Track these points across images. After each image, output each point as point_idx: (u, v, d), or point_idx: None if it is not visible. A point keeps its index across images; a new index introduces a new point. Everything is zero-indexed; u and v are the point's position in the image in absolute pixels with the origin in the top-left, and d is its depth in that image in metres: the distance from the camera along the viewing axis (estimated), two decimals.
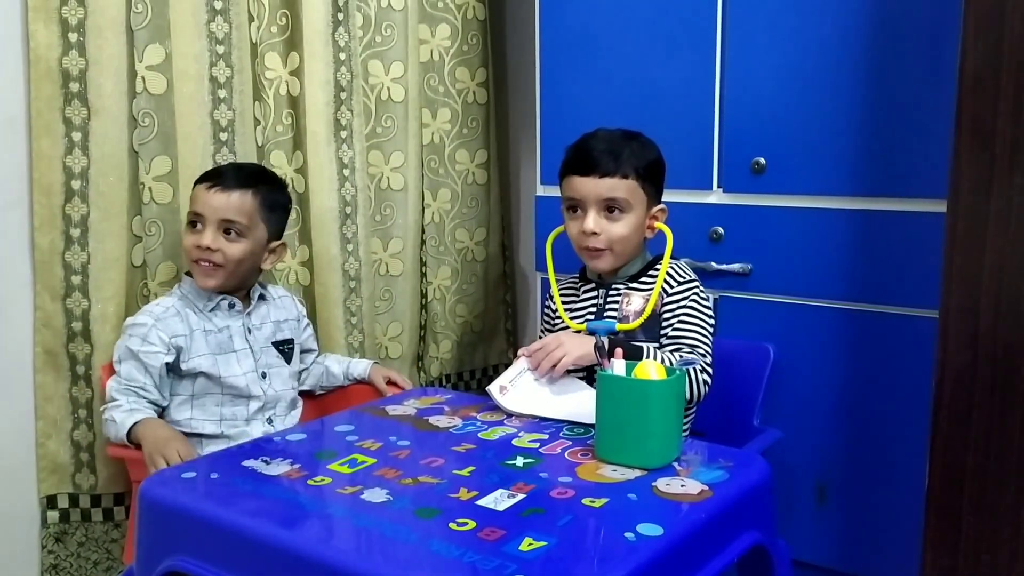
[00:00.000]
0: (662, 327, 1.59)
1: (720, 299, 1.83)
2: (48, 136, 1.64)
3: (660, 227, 1.63)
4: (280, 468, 1.26)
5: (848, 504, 1.77)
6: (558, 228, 1.70)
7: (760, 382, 1.76)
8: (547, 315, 1.77)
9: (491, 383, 1.53)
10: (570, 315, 1.67)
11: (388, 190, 2.19)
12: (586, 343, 1.51)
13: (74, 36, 1.63)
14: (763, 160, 1.79)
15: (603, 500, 1.13)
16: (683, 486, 1.18)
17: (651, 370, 1.27)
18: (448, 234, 2.37)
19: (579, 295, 1.70)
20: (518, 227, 2.60)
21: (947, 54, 1.52)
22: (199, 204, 1.65)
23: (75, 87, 1.65)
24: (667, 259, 1.61)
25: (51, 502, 1.73)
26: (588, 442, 1.35)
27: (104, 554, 1.78)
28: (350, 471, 1.24)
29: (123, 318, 1.73)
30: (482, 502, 1.13)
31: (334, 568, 1.00)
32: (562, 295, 1.71)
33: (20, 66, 1.63)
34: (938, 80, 1.58)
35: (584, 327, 1.59)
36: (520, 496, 1.14)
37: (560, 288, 1.72)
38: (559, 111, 2.06)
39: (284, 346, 1.79)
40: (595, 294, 1.67)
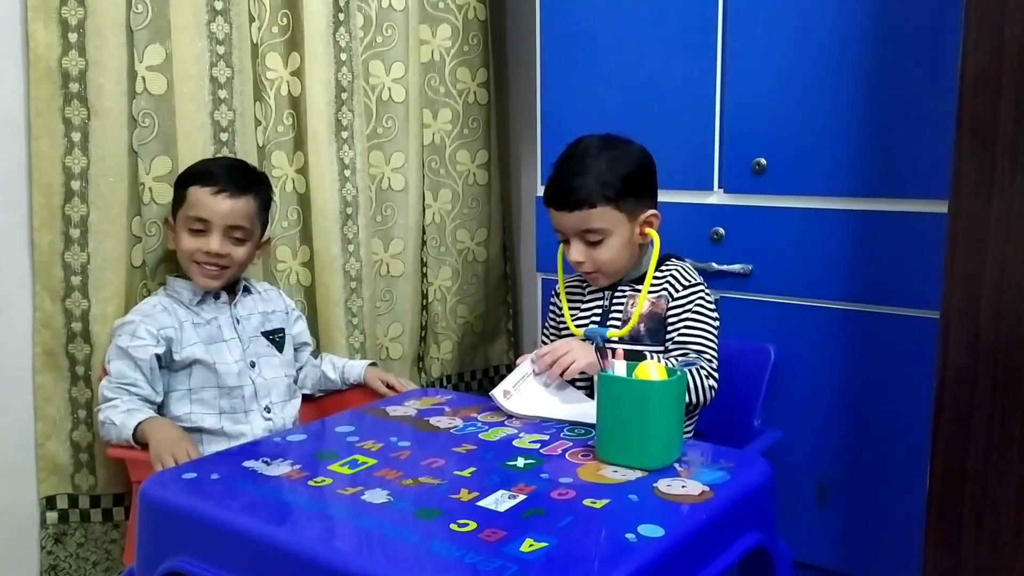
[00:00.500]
0: (668, 332, 1.59)
1: (721, 299, 1.83)
2: (48, 136, 1.64)
3: (650, 233, 1.60)
4: (281, 469, 1.25)
5: (849, 505, 1.77)
6: None
7: (761, 383, 1.75)
8: (553, 313, 1.77)
9: (495, 388, 1.52)
10: (575, 317, 1.67)
11: (389, 191, 2.19)
12: (591, 351, 1.51)
13: (74, 36, 1.63)
14: (764, 161, 1.79)
15: (604, 501, 1.13)
16: (684, 487, 1.18)
17: (652, 371, 1.27)
18: (449, 235, 2.37)
19: (584, 297, 1.70)
20: (519, 228, 2.60)
21: (948, 54, 1.52)
22: (204, 210, 1.65)
23: (75, 87, 1.64)
24: (652, 267, 1.59)
25: (50, 503, 1.73)
26: (589, 443, 1.34)
27: (103, 555, 1.78)
28: (351, 472, 1.24)
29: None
30: (483, 503, 1.12)
31: (335, 569, 0.99)
32: (568, 298, 1.71)
33: (20, 66, 1.63)
34: (939, 80, 1.58)
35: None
36: (521, 497, 1.14)
37: (567, 289, 1.72)
38: (560, 111, 2.06)
39: (274, 335, 1.79)
40: (601, 296, 1.67)
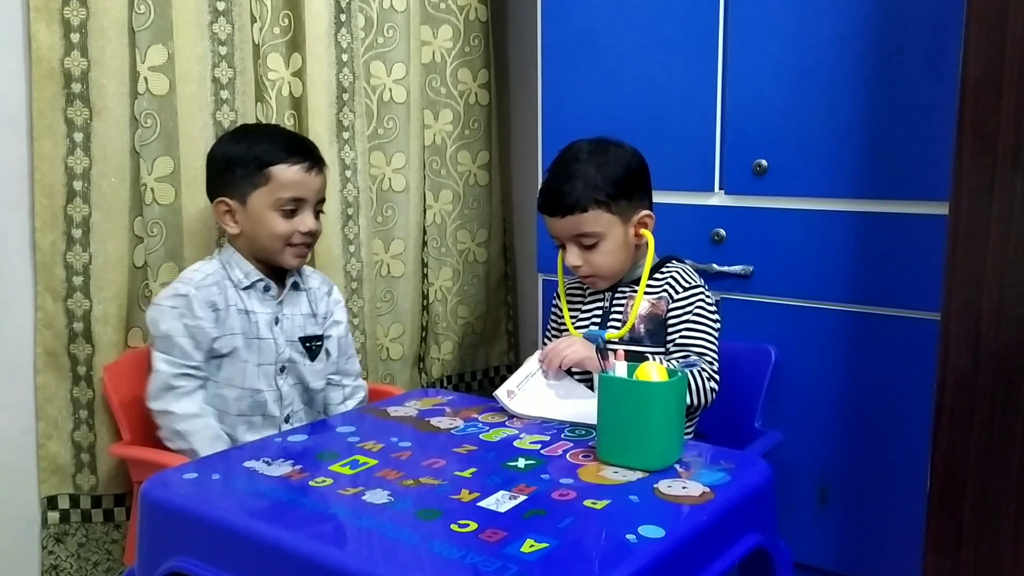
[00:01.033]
0: (668, 333, 1.59)
1: (721, 301, 1.83)
2: (50, 137, 1.64)
3: (644, 234, 1.61)
4: (281, 469, 1.25)
5: (849, 506, 1.77)
6: None
7: (761, 384, 1.75)
8: (554, 315, 1.77)
9: (499, 388, 1.52)
10: (576, 319, 1.67)
11: (390, 191, 2.19)
12: (592, 348, 1.51)
13: (76, 37, 1.63)
14: (765, 162, 1.79)
15: (604, 502, 1.13)
16: (684, 488, 1.18)
17: (653, 372, 1.27)
18: (449, 235, 2.37)
19: (585, 299, 1.70)
20: (520, 228, 2.60)
21: (949, 56, 1.52)
22: (300, 188, 1.60)
23: (77, 88, 1.65)
24: (648, 268, 1.60)
25: (51, 503, 1.73)
26: (590, 444, 1.34)
27: (104, 555, 1.78)
28: (351, 472, 1.24)
29: (124, 319, 1.73)
30: (484, 503, 1.12)
31: (336, 569, 1.00)
32: (569, 299, 1.71)
33: (22, 67, 1.63)
34: (940, 82, 1.58)
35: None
36: (522, 498, 1.14)
37: (567, 291, 1.72)
38: (561, 112, 2.06)
39: (311, 342, 1.70)
40: (601, 298, 1.67)
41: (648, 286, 1.62)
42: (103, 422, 1.72)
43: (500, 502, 1.13)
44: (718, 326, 1.60)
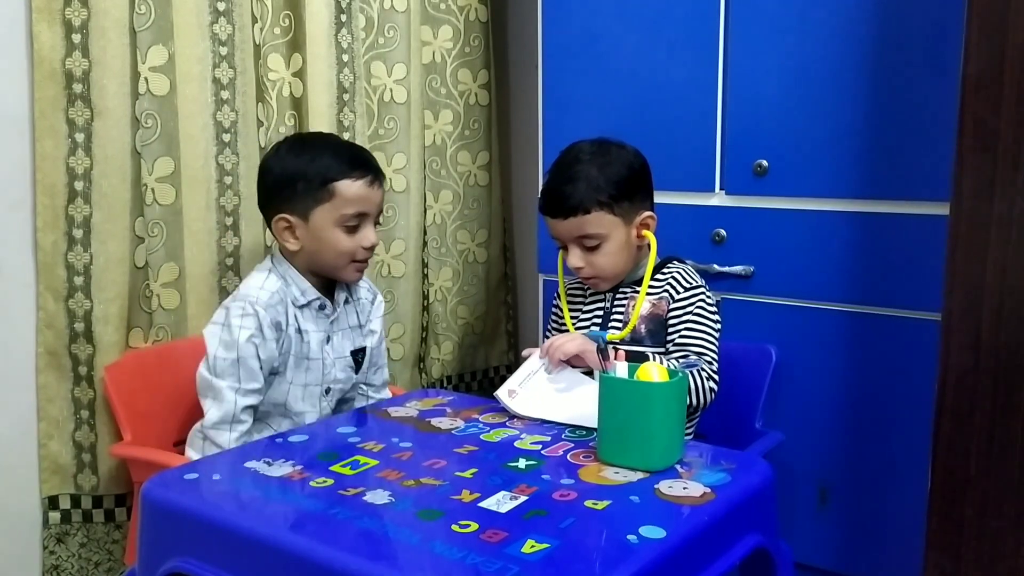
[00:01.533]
0: (668, 333, 1.59)
1: (722, 301, 1.83)
2: (51, 137, 1.64)
3: (647, 236, 1.61)
4: (282, 469, 1.25)
5: (850, 507, 1.77)
6: None
7: (762, 384, 1.76)
8: (555, 315, 1.77)
9: (500, 387, 1.52)
10: (577, 320, 1.68)
11: (390, 191, 2.19)
12: (592, 343, 1.51)
13: (77, 37, 1.63)
14: (765, 162, 1.79)
15: (605, 502, 1.13)
16: (685, 488, 1.18)
17: (653, 372, 1.27)
18: (450, 236, 2.37)
19: (586, 300, 1.70)
20: (520, 229, 2.60)
21: (950, 56, 1.52)
22: (364, 203, 1.55)
23: (78, 88, 1.65)
24: (650, 269, 1.60)
25: (53, 503, 1.73)
26: (590, 444, 1.35)
27: (105, 555, 1.78)
28: (352, 472, 1.24)
29: (125, 319, 1.74)
30: (484, 504, 1.13)
31: (336, 570, 1.00)
32: (569, 300, 1.71)
33: (23, 67, 1.63)
34: (941, 82, 1.58)
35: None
36: (522, 498, 1.14)
37: (568, 291, 1.72)
38: (561, 113, 2.06)
39: (358, 354, 1.67)
40: (602, 299, 1.67)
41: (649, 286, 1.62)
42: (104, 422, 1.72)
43: (501, 503, 1.13)
44: (718, 327, 1.60)
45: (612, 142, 1.62)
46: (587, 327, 1.65)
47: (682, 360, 1.54)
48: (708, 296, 1.61)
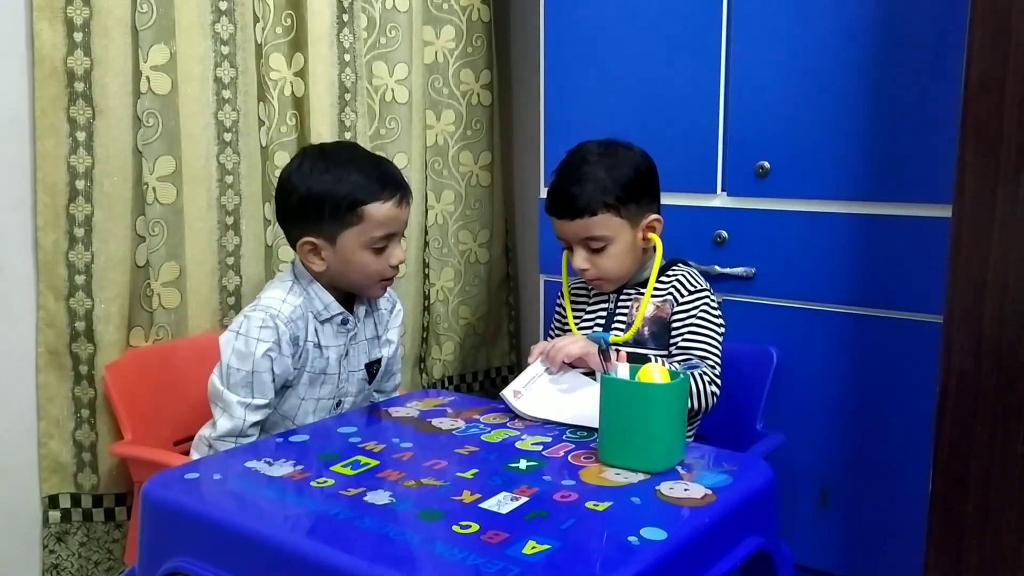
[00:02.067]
0: (672, 336, 1.58)
1: (723, 303, 1.83)
2: (52, 136, 1.64)
3: (653, 238, 1.60)
4: (283, 469, 1.25)
5: (851, 508, 1.77)
6: None
7: (763, 386, 1.75)
8: (558, 316, 1.77)
9: (505, 387, 1.52)
10: (580, 320, 1.67)
11: None
12: (594, 345, 1.51)
13: (79, 36, 1.63)
14: (767, 164, 1.79)
15: (606, 504, 1.13)
16: (686, 490, 1.18)
17: (654, 373, 1.27)
18: (451, 236, 2.37)
19: (589, 300, 1.70)
20: (521, 229, 2.60)
21: (953, 58, 1.52)
22: (393, 224, 1.50)
23: (80, 87, 1.65)
24: (655, 272, 1.59)
25: (53, 502, 1.73)
26: (591, 445, 1.34)
27: (105, 554, 1.78)
28: (353, 473, 1.24)
29: (126, 318, 1.74)
30: (485, 505, 1.12)
31: (337, 570, 0.99)
32: (573, 301, 1.71)
33: (25, 66, 1.63)
34: (944, 84, 1.58)
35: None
36: (523, 499, 1.14)
37: (571, 292, 1.71)
38: (563, 113, 2.06)
39: (372, 367, 1.65)
40: (605, 300, 1.67)
41: (653, 289, 1.62)
42: (104, 421, 1.72)
43: (502, 503, 1.13)
44: (722, 331, 1.59)
45: (620, 143, 1.61)
46: (590, 328, 1.65)
47: (684, 363, 1.53)
48: (712, 299, 1.61)
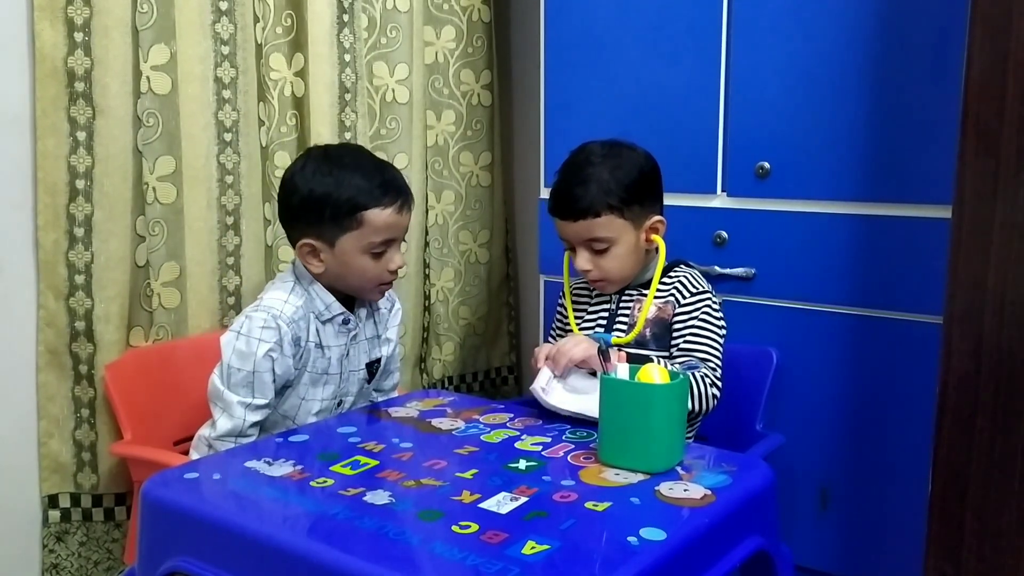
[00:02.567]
0: (673, 337, 1.58)
1: (723, 303, 1.83)
2: (53, 135, 1.64)
3: (656, 240, 1.60)
4: (283, 469, 1.25)
5: (851, 509, 1.77)
6: None
7: (763, 387, 1.75)
8: (560, 315, 1.77)
9: (534, 382, 1.50)
10: (581, 321, 1.67)
11: None
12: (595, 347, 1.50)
13: (80, 36, 1.63)
14: (767, 164, 1.78)
15: (606, 504, 1.13)
16: (686, 490, 1.18)
17: (654, 374, 1.27)
18: (451, 236, 2.37)
19: (591, 301, 1.69)
20: (522, 229, 2.60)
21: (953, 59, 1.52)
22: (393, 230, 1.50)
23: (80, 87, 1.65)
24: (658, 274, 1.59)
25: (52, 501, 1.73)
26: (591, 446, 1.34)
27: (105, 554, 1.78)
28: (353, 473, 1.24)
29: (126, 318, 1.74)
30: (485, 505, 1.12)
31: (336, 570, 0.99)
32: (574, 301, 1.71)
33: (25, 65, 1.63)
34: (944, 85, 1.57)
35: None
36: (523, 499, 1.14)
37: (573, 292, 1.71)
38: (563, 114, 2.06)
39: (372, 366, 1.66)
40: (607, 300, 1.67)
41: (657, 289, 1.62)
42: (104, 421, 1.72)
43: (501, 503, 1.13)
44: (723, 333, 1.59)
45: (623, 143, 1.61)
46: (592, 329, 1.65)
47: (684, 365, 1.53)
48: (714, 301, 1.61)
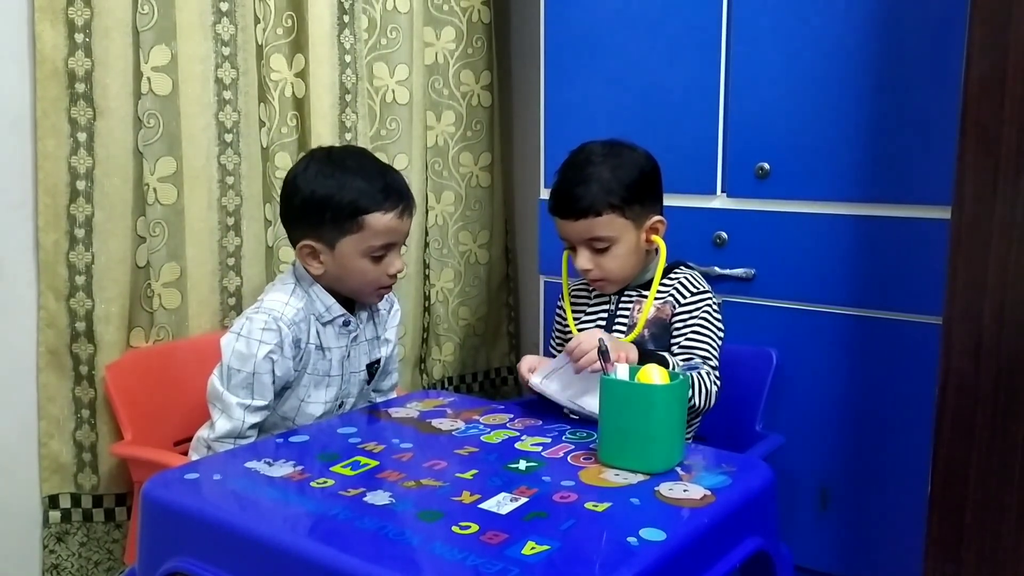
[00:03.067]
0: (673, 337, 1.59)
1: (723, 304, 1.83)
2: (54, 136, 1.64)
3: (656, 240, 1.60)
4: (283, 470, 1.25)
5: (850, 510, 1.77)
6: None
7: (763, 387, 1.75)
8: (559, 316, 1.77)
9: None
10: (580, 321, 1.67)
11: None
12: (616, 343, 1.48)
13: (80, 37, 1.64)
14: (767, 165, 1.79)
15: (606, 504, 1.13)
16: (686, 491, 1.18)
17: (654, 374, 1.27)
18: (451, 237, 2.37)
19: (591, 301, 1.70)
20: (521, 230, 2.60)
21: (953, 60, 1.52)
22: (393, 235, 1.50)
23: (81, 88, 1.65)
24: (659, 274, 1.59)
25: (53, 502, 1.73)
26: (591, 446, 1.34)
27: (105, 554, 1.78)
28: (353, 473, 1.24)
29: (126, 318, 1.74)
30: (485, 505, 1.13)
31: (337, 570, 1.00)
32: (573, 302, 1.71)
33: (26, 66, 1.63)
34: (943, 86, 1.58)
35: None
36: (523, 500, 1.14)
37: (572, 293, 1.72)
38: (563, 114, 2.06)
39: (372, 367, 1.66)
40: (607, 300, 1.67)
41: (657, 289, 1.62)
42: (105, 421, 1.72)
43: (501, 504, 1.13)
44: (722, 334, 1.59)
45: (624, 143, 1.61)
46: (591, 329, 1.65)
47: (684, 363, 1.53)
48: (714, 302, 1.61)
